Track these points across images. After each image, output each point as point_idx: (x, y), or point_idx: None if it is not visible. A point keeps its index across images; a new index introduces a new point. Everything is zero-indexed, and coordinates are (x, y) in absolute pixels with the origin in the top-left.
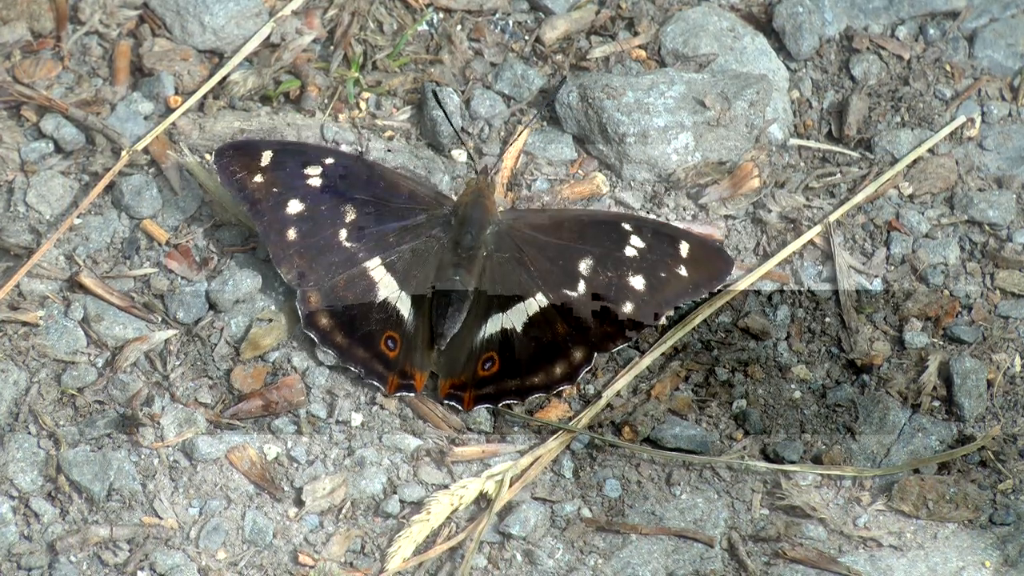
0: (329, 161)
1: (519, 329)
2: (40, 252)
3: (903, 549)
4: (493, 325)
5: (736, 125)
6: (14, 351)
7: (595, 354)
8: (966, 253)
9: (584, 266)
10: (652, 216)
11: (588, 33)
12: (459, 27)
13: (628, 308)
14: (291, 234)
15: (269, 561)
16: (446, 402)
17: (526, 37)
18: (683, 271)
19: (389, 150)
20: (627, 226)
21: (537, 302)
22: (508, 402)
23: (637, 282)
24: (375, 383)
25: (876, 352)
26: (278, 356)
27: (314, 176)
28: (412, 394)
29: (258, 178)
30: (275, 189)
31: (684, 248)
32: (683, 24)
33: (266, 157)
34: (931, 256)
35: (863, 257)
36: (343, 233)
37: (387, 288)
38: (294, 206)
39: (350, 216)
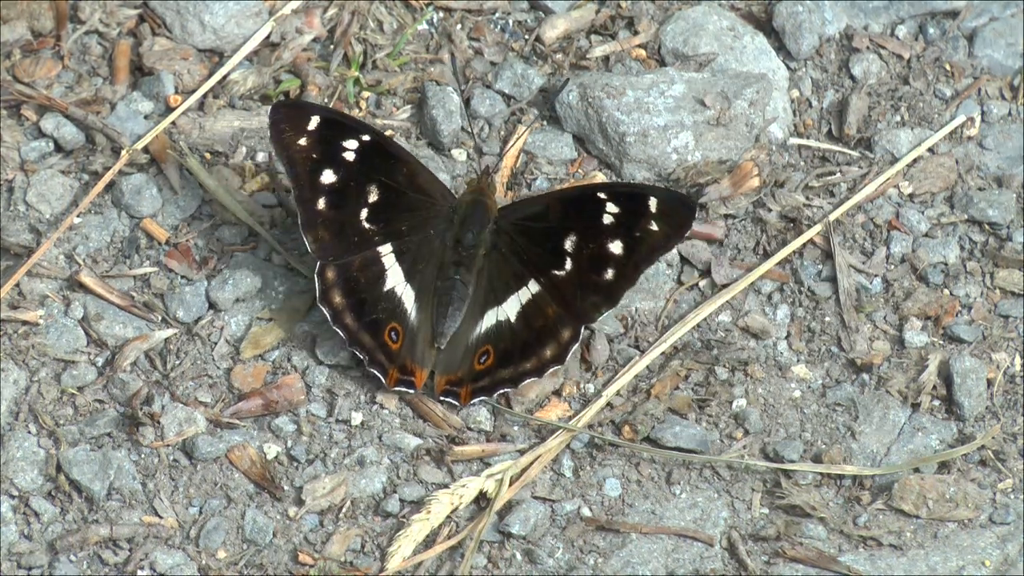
0: (366, 138)
1: (512, 319)
2: (40, 251)
3: (903, 549)
4: (489, 319)
5: (736, 124)
6: (14, 350)
7: (582, 328)
8: (966, 252)
9: (569, 243)
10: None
11: (588, 32)
12: (459, 26)
13: (610, 274)
14: (321, 203)
15: (269, 560)
16: (442, 399)
17: (526, 36)
18: (654, 226)
19: None
20: (602, 195)
21: (529, 289)
22: (502, 391)
23: (616, 247)
24: (376, 373)
25: (876, 352)
26: (278, 355)
27: (350, 150)
28: (411, 391)
29: (302, 141)
30: (314, 155)
31: (653, 203)
32: (683, 23)
33: (313, 122)
34: (931, 255)
35: (863, 256)
36: (364, 213)
37: (395, 277)
38: (328, 176)
39: (373, 197)
